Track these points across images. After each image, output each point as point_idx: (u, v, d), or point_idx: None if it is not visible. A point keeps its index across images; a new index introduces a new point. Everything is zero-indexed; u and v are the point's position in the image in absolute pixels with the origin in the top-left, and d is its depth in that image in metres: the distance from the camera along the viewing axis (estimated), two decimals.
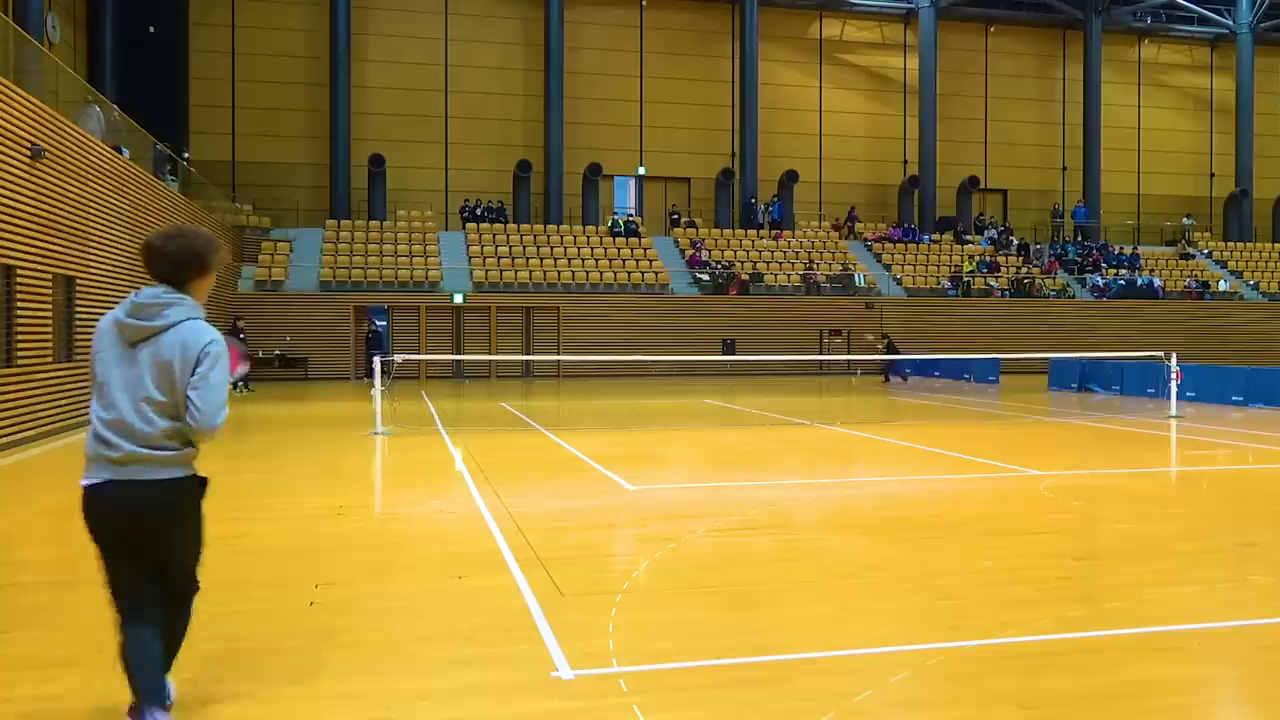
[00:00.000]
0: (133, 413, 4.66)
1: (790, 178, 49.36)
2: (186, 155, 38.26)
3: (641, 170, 49.90)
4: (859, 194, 52.22)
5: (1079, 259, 50.33)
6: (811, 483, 13.78)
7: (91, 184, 21.37)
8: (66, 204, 19.85)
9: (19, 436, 17.45)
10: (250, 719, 5.05)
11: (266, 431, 20.66)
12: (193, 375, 4.62)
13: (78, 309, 20.47)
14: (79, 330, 20.51)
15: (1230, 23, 55.08)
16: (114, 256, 22.86)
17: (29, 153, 17.94)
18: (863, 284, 44.67)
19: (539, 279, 41.45)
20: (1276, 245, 54.87)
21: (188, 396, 4.60)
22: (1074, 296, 47.45)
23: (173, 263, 4.88)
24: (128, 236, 23.87)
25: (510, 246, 43.20)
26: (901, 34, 52.82)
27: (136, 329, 4.71)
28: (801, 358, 39.62)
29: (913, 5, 50.99)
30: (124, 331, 4.72)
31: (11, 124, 17.37)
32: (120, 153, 24.28)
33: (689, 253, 45.01)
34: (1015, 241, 51.13)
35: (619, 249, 44.30)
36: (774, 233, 47.71)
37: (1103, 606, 7.42)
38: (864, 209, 51.95)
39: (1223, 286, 49.94)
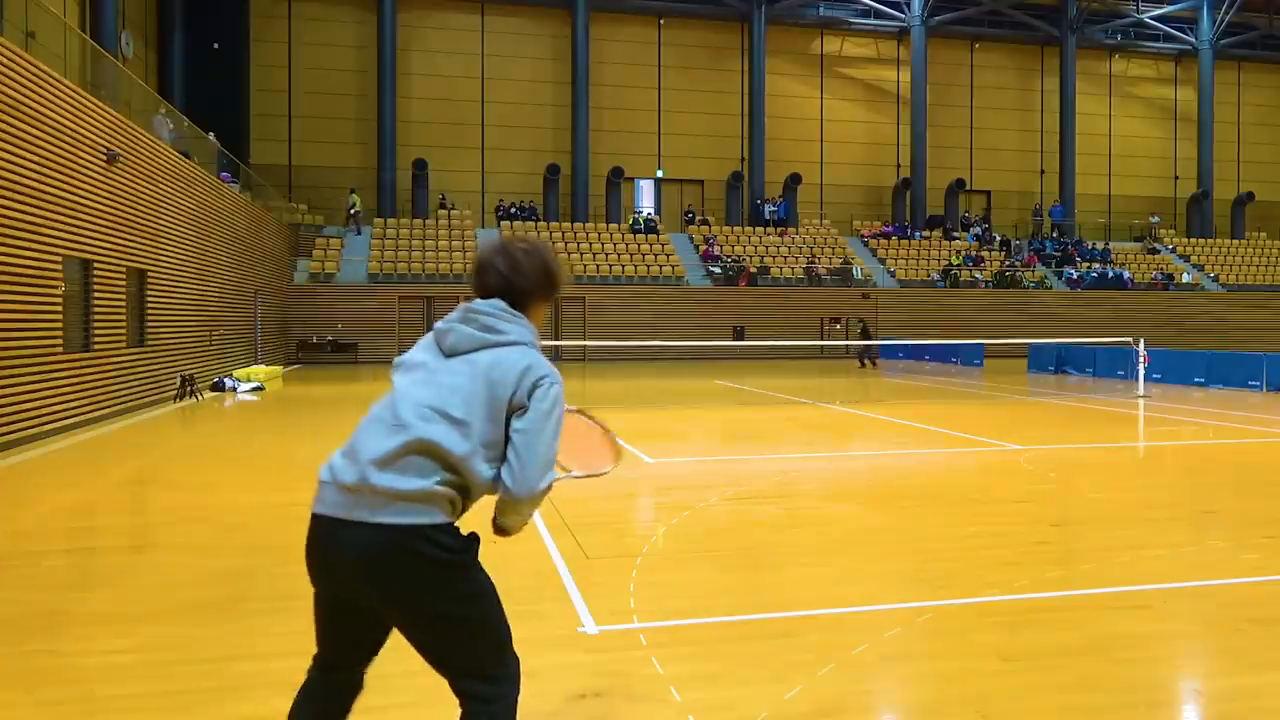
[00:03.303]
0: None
1: (794, 180, 49.16)
2: (248, 160, 38.32)
3: (659, 173, 49.74)
4: (856, 195, 52.12)
5: (1056, 254, 50.10)
6: (813, 456, 13.74)
7: (161, 186, 21.41)
8: (139, 204, 19.89)
9: (96, 415, 17.52)
10: (301, 669, 5.05)
11: (316, 411, 20.69)
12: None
13: (148, 299, 20.54)
14: (150, 318, 20.59)
15: (1193, 40, 54.70)
16: (182, 251, 22.92)
17: (105, 157, 17.98)
18: (860, 276, 44.58)
19: (566, 272, 41.28)
20: (1235, 241, 54.59)
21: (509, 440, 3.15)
22: (1051, 288, 47.21)
23: (526, 276, 3.48)
24: (194, 233, 23.93)
25: None
26: (895, 50, 52.51)
27: (465, 336, 3.25)
28: (804, 343, 39.57)
29: (905, 24, 50.70)
30: (444, 339, 3.27)
31: (89, 131, 17.42)
32: (188, 157, 24.32)
33: (702, 248, 44.93)
34: (997, 238, 51.01)
35: (639, 245, 44.24)
36: (779, 230, 47.57)
37: (1077, 568, 7.39)
38: (860, 209, 51.89)
39: (1186, 279, 49.65)
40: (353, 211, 42.54)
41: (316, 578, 3.18)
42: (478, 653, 3.18)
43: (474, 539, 3.16)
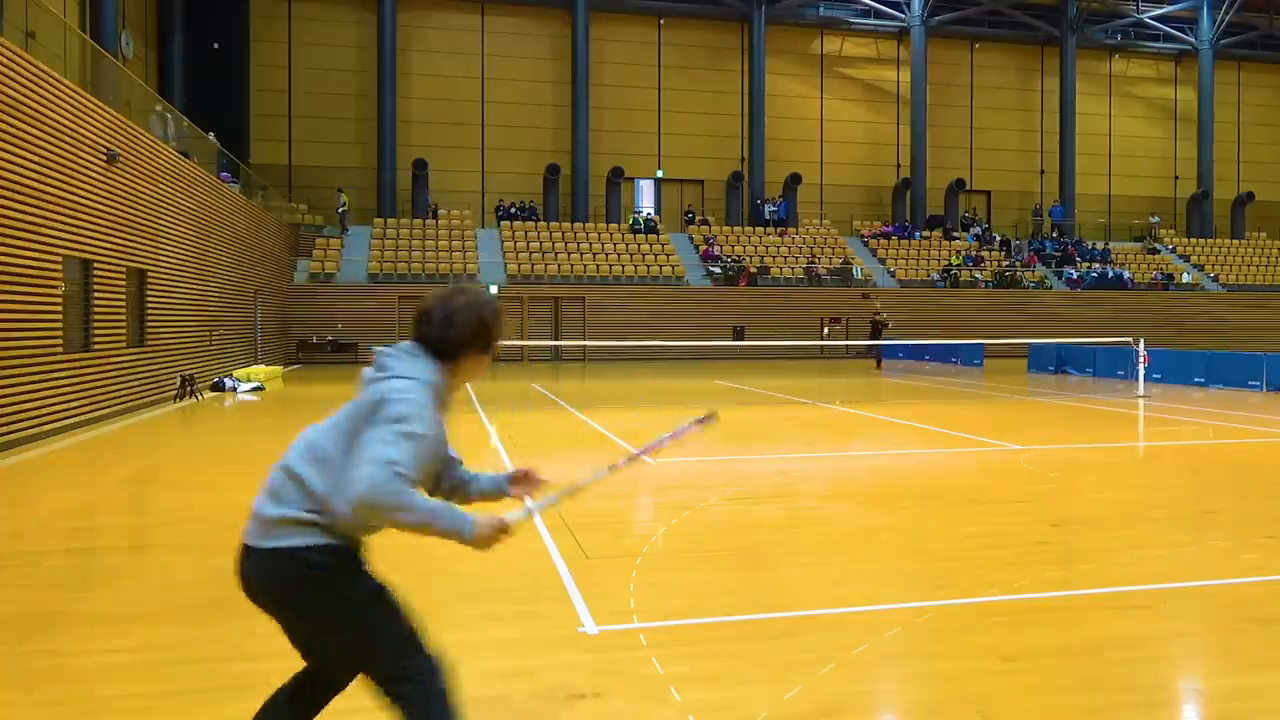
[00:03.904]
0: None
1: (794, 180, 49.15)
2: (248, 160, 38.30)
3: (659, 173, 49.74)
4: (856, 195, 52.13)
5: (1056, 253, 50.10)
6: (813, 456, 13.74)
7: (161, 186, 21.41)
8: (139, 204, 19.88)
9: (96, 415, 17.52)
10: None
11: (316, 411, 20.63)
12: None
13: (148, 299, 20.53)
14: (150, 318, 20.59)
15: (1193, 40, 54.72)
16: (182, 251, 22.91)
17: (105, 157, 17.98)
18: (860, 276, 44.58)
19: (567, 272, 41.42)
20: (1235, 241, 54.60)
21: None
22: (1051, 287, 47.22)
23: (459, 328, 3.46)
24: (194, 233, 23.93)
25: (541, 242, 43.19)
26: (895, 50, 52.51)
27: (365, 378, 3.42)
28: (804, 343, 39.56)
29: (905, 24, 50.71)
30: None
31: (89, 131, 17.42)
32: (187, 157, 24.31)
33: (702, 248, 44.91)
34: (997, 238, 51.02)
35: (639, 245, 44.22)
36: (779, 230, 47.56)
37: (1077, 568, 7.39)
38: (861, 209, 51.89)
39: (1186, 279, 49.65)
40: (341, 211, 42.49)
41: None
42: (374, 656, 3.36)
43: (344, 549, 3.31)
